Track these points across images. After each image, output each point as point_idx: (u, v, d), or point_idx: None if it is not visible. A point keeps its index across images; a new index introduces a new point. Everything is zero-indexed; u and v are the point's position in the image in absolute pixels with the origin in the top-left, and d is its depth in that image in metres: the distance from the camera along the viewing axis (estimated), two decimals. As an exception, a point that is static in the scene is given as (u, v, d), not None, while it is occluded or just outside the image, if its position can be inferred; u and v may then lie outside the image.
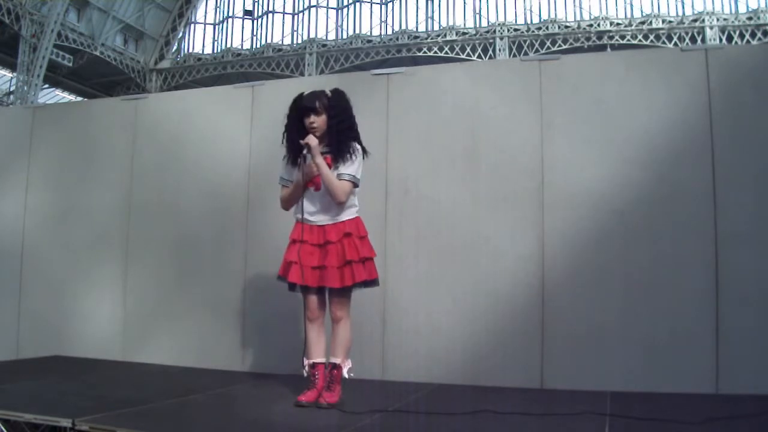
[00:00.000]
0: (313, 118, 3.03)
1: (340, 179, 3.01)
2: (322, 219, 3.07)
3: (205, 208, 4.43)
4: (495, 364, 3.68)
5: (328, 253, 3.01)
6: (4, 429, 2.72)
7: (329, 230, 3.05)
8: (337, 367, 3.07)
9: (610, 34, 20.97)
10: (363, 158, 3.10)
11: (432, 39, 22.56)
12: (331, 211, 3.06)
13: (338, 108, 3.06)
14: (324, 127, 3.06)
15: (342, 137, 3.04)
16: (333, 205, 3.04)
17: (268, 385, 3.69)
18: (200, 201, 4.45)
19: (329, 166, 3.02)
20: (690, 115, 3.61)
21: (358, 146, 3.09)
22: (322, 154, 3.02)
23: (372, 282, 3.08)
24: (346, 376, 3.10)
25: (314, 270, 3.03)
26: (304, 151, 3.01)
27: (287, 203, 3.20)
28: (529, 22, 22.12)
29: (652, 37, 20.69)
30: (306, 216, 3.09)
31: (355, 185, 3.06)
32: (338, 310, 3.06)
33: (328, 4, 24.50)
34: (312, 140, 3.00)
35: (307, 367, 3.11)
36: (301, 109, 3.07)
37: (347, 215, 3.07)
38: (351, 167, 3.03)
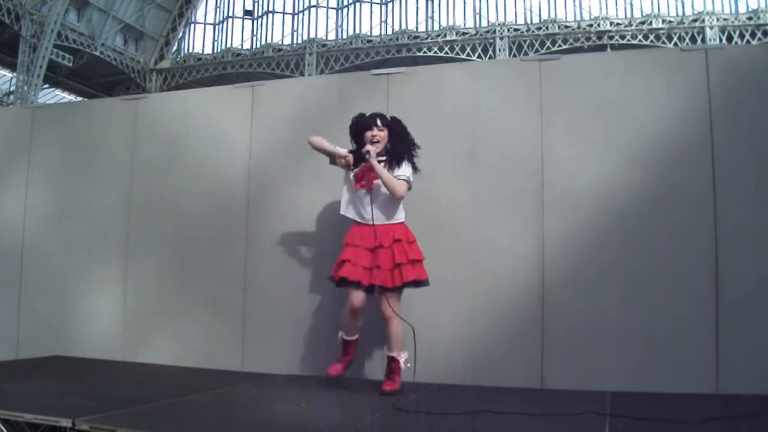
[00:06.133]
0: (376, 131, 3.42)
1: (397, 179, 3.36)
2: (375, 219, 3.37)
3: (205, 208, 4.43)
4: (495, 364, 3.68)
5: (379, 256, 3.34)
6: (4, 429, 2.72)
7: (381, 233, 3.37)
8: (394, 360, 3.38)
9: (610, 34, 20.94)
10: (415, 169, 3.46)
11: (432, 39, 22.53)
12: (384, 213, 3.41)
13: (398, 129, 3.47)
14: (385, 141, 3.44)
15: (400, 150, 3.43)
16: (385, 207, 3.40)
17: (268, 385, 3.70)
18: (200, 201, 4.45)
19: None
20: (690, 115, 3.61)
21: (411, 156, 3.47)
22: (380, 161, 3.39)
23: (422, 282, 3.41)
24: (403, 366, 3.37)
25: (365, 270, 3.33)
26: (366, 156, 3.35)
27: (315, 147, 3.51)
28: (529, 22, 22.09)
29: (652, 37, 20.67)
30: (364, 215, 3.40)
31: (409, 186, 3.40)
32: (388, 309, 3.33)
33: (328, 4, 24.46)
34: (372, 148, 3.37)
35: (340, 340, 3.49)
36: (363, 124, 3.45)
37: (397, 219, 3.43)
38: (405, 171, 3.40)
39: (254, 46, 24.58)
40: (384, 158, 3.42)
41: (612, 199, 3.64)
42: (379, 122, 3.43)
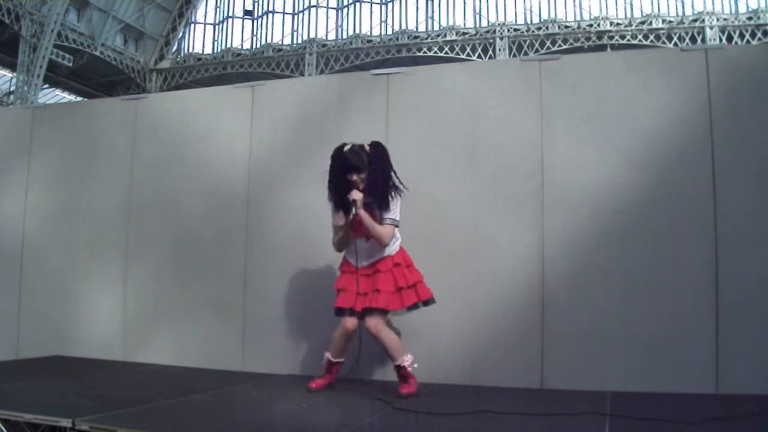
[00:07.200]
0: (355, 176, 3.33)
1: (383, 224, 3.33)
2: (371, 261, 3.41)
3: (205, 208, 4.43)
4: (495, 364, 3.68)
5: (379, 280, 3.34)
6: (4, 429, 2.72)
7: (379, 263, 3.39)
8: (401, 368, 3.34)
9: (610, 34, 20.96)
10: (400, 198, 3.40)
11: (432, 39, 22.55)
12: (378, 254, 3.40)
13: (377, 162, 3.36)
14: (365, 181, 3.35)
15: (382, 188, 3.35)
16: (379, 250, 3.39)
17: (268, 385, 3.70)
18: (200, 200, 4.45)
19: (373, 217, 3.33)
20: (690, 115, 3.61)
21: (394, 191, 3.38)
22: (365, 206, 3.32)
23: (428, 301, 3.41)
24: (411, 368, 3.33)
25: (359, 295, 3.35)
26: (353, 209, 3.31)
27: (340, 246, 3.49)
28: (529, 22, 22.10)
29: (652, 37, 20.68)
30: (361, 263, 3.41)
31: (396, 226, 3.38)
32: (373, 328, 3.30)
33: (328, 4, 24.48)
34: (357, 195, 3.31)
35: (326, 361, 3.47)
36: (345, 166, 3.34)
37: (393, 251, 3.41)
38: (390, 212, 3.35)
39: (254, 46, 24.60)
40: (369, 201, 3.34)
41: (612, 199, 3.64)
42: (360, 164, 3.32)
